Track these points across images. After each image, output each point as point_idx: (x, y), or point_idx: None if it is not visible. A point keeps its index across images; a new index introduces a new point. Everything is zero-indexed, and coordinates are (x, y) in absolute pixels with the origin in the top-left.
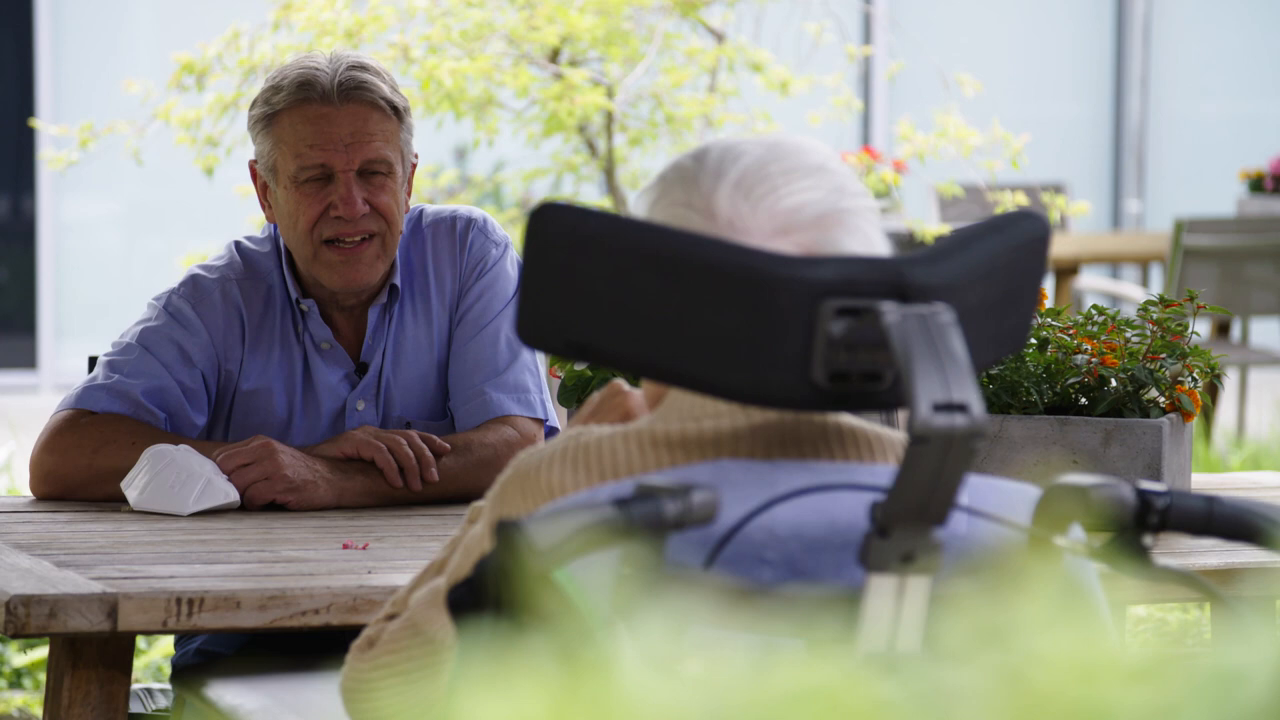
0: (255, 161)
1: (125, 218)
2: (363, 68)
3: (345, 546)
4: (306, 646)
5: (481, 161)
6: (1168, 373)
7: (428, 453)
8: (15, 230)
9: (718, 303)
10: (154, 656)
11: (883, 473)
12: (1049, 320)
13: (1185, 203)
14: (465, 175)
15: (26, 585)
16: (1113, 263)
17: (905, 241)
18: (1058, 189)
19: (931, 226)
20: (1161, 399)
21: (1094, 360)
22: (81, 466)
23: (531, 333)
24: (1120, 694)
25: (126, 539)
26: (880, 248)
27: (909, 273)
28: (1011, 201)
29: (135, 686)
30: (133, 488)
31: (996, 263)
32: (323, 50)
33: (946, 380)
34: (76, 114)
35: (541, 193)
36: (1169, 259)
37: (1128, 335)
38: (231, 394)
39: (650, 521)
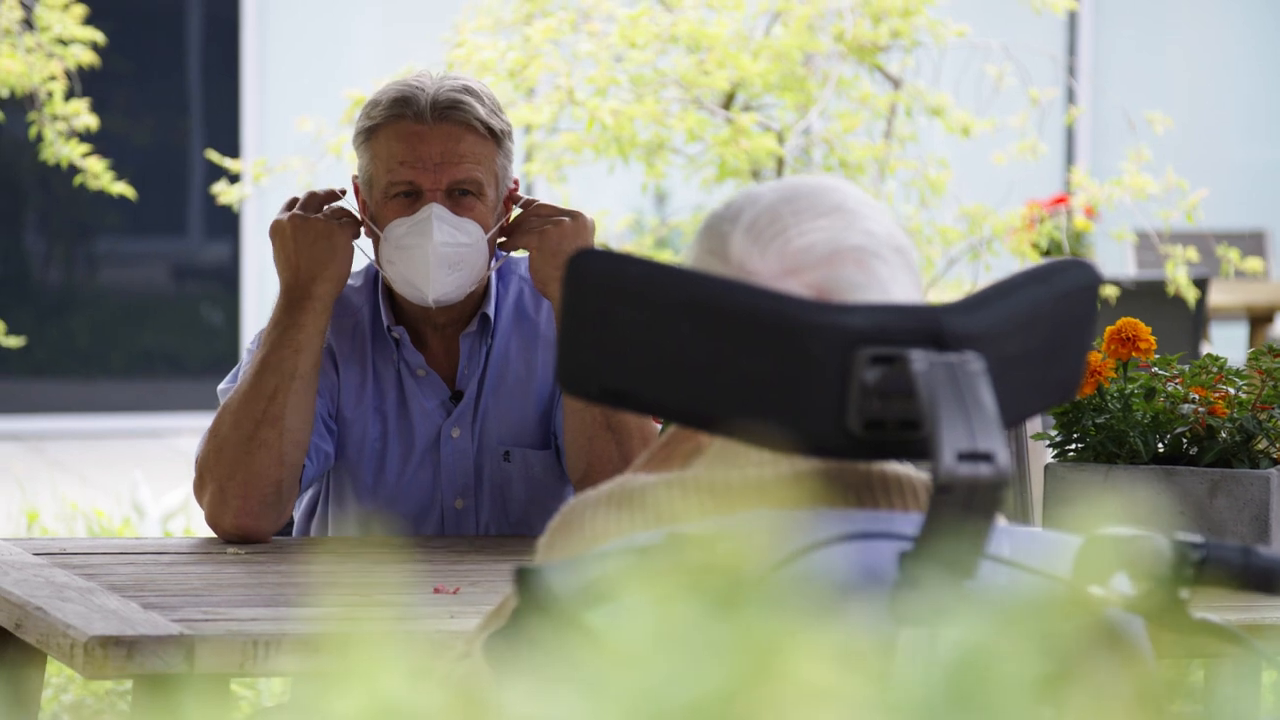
0: (357, 176)
1: None
2: (464, 89)
3: (437, 591)
4: None
5: (680, 206)
6: None
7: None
8: (225, 274)
9: (751, 350)
10: None
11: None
12: (1157, 369)
13: None
14: (642, 222)
15: (108, 627)
16: None
17: None
18: (1258, 236)
19: (1130, 274)
20: (1273, 450)
21: (1201, 410)
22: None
23: (570, 379)
24: None
25: (222, 580)
26: (901, 289)
27: (945, 320)
28: (1181, 252)
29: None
30: None
31: (1039, 311)
32: (431, 71)
33: (972, 429)
34: (274, 157)
35: None
36: None
37: (1237, 384)
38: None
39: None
